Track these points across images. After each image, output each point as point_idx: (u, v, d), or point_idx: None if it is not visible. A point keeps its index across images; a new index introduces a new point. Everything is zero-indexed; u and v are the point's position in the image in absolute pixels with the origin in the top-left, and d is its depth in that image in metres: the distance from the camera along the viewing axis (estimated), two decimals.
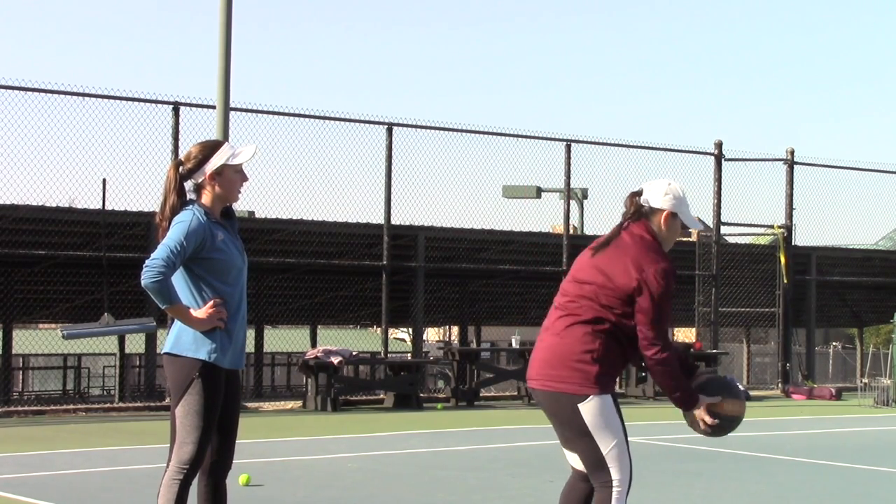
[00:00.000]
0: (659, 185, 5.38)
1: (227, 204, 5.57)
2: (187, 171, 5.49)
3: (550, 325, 5.32)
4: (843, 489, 9.76)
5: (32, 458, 11.18)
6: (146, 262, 5.31)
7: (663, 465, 10.87)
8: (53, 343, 24.78)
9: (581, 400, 5.14)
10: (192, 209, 5.44)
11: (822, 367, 33.94)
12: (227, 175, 5.49)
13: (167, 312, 5.47)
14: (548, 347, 5.28)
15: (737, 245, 24.36)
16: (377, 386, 19.68)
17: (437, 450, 12.31)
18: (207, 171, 5.47)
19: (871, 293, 28.23)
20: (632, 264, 5.18)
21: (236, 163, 5.50)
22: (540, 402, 5.34)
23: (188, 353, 5.39)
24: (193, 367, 5.37)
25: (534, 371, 5.32)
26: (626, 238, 5.30)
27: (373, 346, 32.04)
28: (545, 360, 5.26)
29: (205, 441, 5.38)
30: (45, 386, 30.93)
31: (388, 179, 19.24)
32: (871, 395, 19.91)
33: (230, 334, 5.45)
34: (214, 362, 5.39)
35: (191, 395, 5.36)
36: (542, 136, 20.91)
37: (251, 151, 5.56)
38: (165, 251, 5.31)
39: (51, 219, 17.58)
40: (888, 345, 25.35)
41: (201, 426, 5.36)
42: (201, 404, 5.36)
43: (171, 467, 5.39)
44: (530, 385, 5.36)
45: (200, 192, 5.52)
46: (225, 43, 16.41)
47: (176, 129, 17.22)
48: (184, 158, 5.53)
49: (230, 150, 5.51)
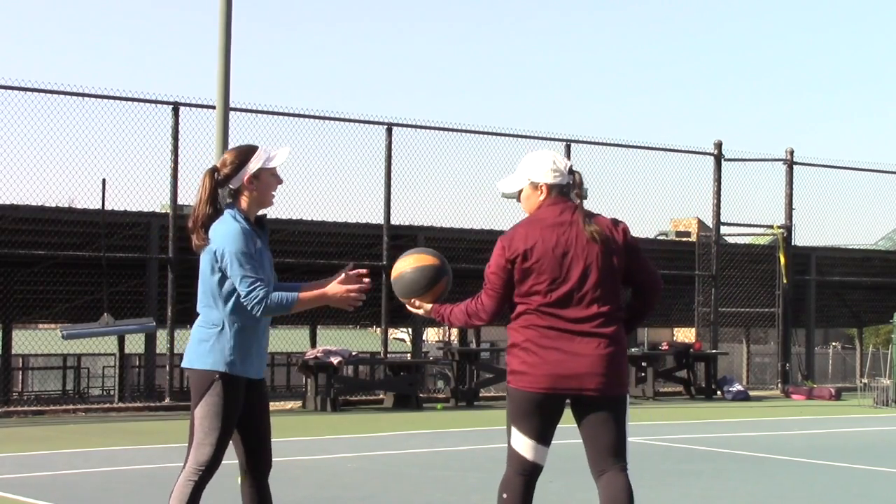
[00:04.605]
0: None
1: (262, 208, 5.57)
2: (224, 178, 5.48)
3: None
4: (842, 489, 9.76)
5: (32, 458, 11.17)
6: (244, 300, 5.32)
7: (663, 465, 10.87)
8: (53, 343, 24.78)
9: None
10: (234, 216, 5.43)
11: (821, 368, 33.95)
12: (263, 179, 5.50)
13: (304, 309, 5.49)
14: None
15: (736, 245, 24.36)
16: (377, 386, 19.69)
17: (437, 450, 12.31)
18: (245, 176, 5.46)
19: (871, 293, 28.22)
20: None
21: (272, 166, 5.51)
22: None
23: (207, 365, 5.41)
24: (213, 373, 5.39)
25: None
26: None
27: (372, 347, 32.07)
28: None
29: (222, 443, 5.39)
30: (45, 386, 30.93)
31: (388, 179, 19.24)
32: (870, 396, 19.91)
33: (252, 344, 5.46)
34: (236, 374, 5.41)
35: (210, 396, 5.38)
36: (542, 137, 20.92)
37: (286, 154, 5.57)
38: (246, 280, 5.31)
39: (50, 219, 17.58)
40: (888, 345, 25.35)
41: (220, 428, 5.37)
42: (220, 406, 5.37)
43: (188, 468, 5.40)
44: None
45: (238, 197, 5.50)
46: (225, 43, 16.41)
47: (176, 130, 17.23)
48: (219, 165, 5.51)
49: (266, 154, 5.51)
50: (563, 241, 5.34)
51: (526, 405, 5.32)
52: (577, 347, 5.27)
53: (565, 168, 5.49)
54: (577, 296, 5.30)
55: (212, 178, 5.46)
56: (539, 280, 5.31)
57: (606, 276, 5.35)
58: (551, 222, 5.38)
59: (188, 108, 17.48)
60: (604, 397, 5.30)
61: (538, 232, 5.36)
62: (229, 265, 5.33)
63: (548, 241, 5.34)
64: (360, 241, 20.40)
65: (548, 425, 5.37)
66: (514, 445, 5.39)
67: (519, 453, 5.37)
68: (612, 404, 5.33)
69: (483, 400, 19.27)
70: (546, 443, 5.39)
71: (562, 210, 5.43)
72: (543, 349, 5.29)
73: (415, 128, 19.74)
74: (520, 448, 5.37)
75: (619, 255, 5.39)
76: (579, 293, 5.31)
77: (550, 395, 5.29)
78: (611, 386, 5.30)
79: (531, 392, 5.30)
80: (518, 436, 5.36)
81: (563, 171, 5.48)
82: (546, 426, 5.37)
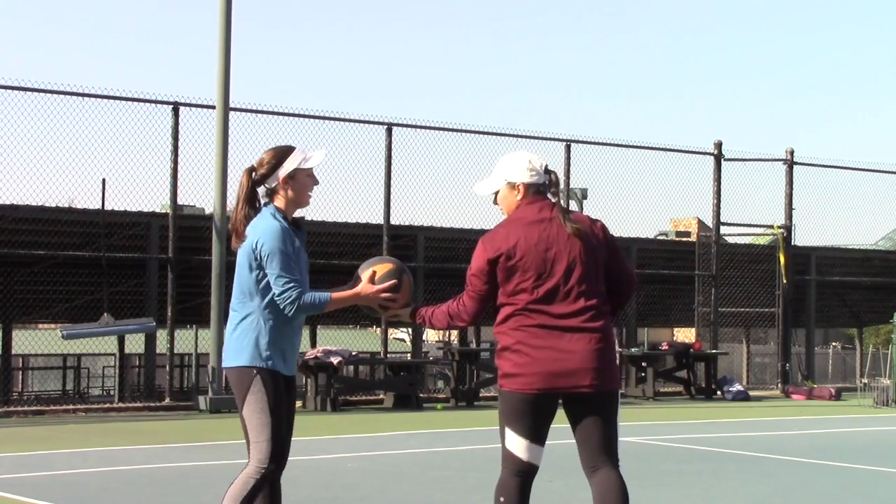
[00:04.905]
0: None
1: (298, 208, 5.65)
2: (260, 177, 5.58)
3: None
4: (842, 489, 9.75)
5: (32, 458, 11.18)
6: (277, 298, 5.41)
7: (663, 465, 10.87)
8: (53, 343, 24.76)
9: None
10: (273, 213, 5.52)
11: (821, 368, 33.94)
12: (299, 179, 5.58)
13: (333, 308, 5.56)
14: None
15: (736, 245, 24.36)
16: (377, 386, 19.69)
17: (437, 450, 12.31)
18: (281, 176, 5.55)
19: (871, 293, 28.21)
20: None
21: (308, 166, 5.60)
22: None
23: (243, 362, 5.48)
24: (250, 370, 5.46)
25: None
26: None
27: (372, 347, 32.03)
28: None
29: (277, 436, 5.47)
30: (45, 386, 30.90)
31: (388, 179, 19.25)
32: (870, 396, 19.91)
33: (286, 341, 5.53)
34: (272, 368, 5.47)
35: (253, 393, 5.46)
36: (541, 136, 20.94)
37: (322, 155, 5.67)
38: (280, 280, 5.41)
39: (50, 219, 17.58)
40: (888, 345, 25.34)
41: (270, 422, 5.45)
42: (265, 401, 5.45)
43: (250, 467, 5.46)
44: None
45: (273, 197, 5.60)
46: (225, 43, 16.42)
47: (176, 130, 17.23)
48: (256, 164, 5.61)
49: (302, 155, 5.60)
50: (544, 237, 5.35)
51: (520, 406, 5.31)
52: (568, 344, 5.27)
53: (541, 167, 5.51)
54: (563, 290, 5.30)
55: (249, 177, 5.58)
56: (525, 277, 5.31)
57: (590, 270, 5.36)
58: (531, 219, 5.40)
59: (188, 108, 17.50)
60: (597, 393, 5.31)
61: (520, 230, 5.37)
62: (267, 262, 5.43)
63: (530, 238, 5.34)
64: (360, 241, 20.39)
65: (542, 424, 5.37)
66: (508, 447, 5.39)
67: (514, 454, 5.37)
68: (605, 400, 5.35)
69: (483, 400, 19.27)
70: (541, 442, 5.39)
71: (540, 208, 5.44)
72: (535, 349, 5.28)
73: (415, 128, 19.75)
74: (515, 449, 5.36)
75: (600, 250, 5.41)
76: (565, 287, 5.30)
77: (545, 394, 5.29)
78: (604, 382, 5.31)
79: (525, 393, 5.29)
80: (513, 437, 5.36)
81: (538, 170, 5.49)
82: (541, 425, 5.36)
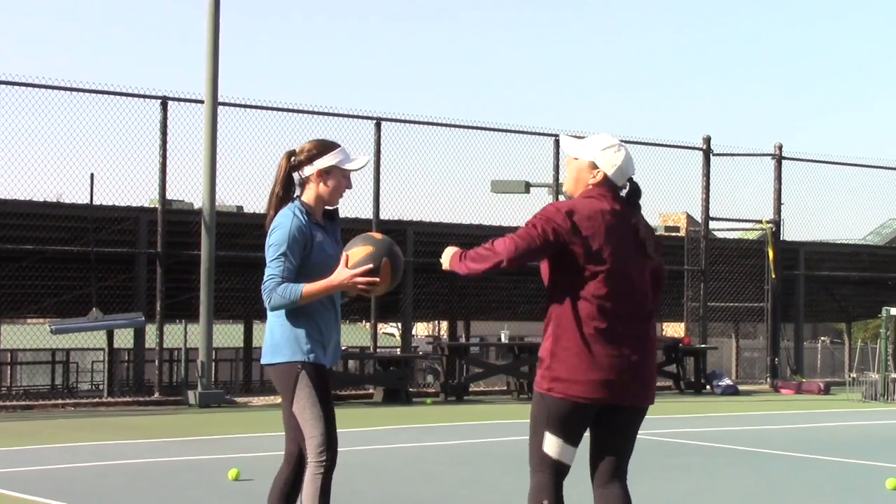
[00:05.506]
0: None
1: (326, 206, 5.60)
2: (298, 163, 5.53)
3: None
4: (831, 483, 9.78)
5: (21, 453, 11.15)
6: (263, 286, 5.38)
7: (651, 459, 10.87)
8: (42, 338, 24.73)
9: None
10: (293, 209, 5.46)
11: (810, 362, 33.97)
12: (335, 176, 5.53)
13: (310, 300, 5.40)
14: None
15: (725, 240, 24.40)
16: (366, 381, 19.66)
17: (426, 444, 12.31)
18: (316, 167, 5.50)
19: (859, 288, 28.27)
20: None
21: (347, 168, 5.54)
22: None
23: (286, 357, 5.44)
24: (294, 365, 5.42)
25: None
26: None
27: (362, 341, 32.01)
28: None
29: (330, 426, 5.45)
30: (34, 381, 30.83)
31: (377, 174, 19.24)
32: (859, 390, 19.95)
33: (325, 332, 5.50)
34: (314, 361, 5.44)
35: (300, 389, 5.43)
36: (530, 131, 20.94)
37: (364, 161, 5.62)
38: (265, 273, 5.38)
39: (38, 213, 17.53)
40: (876, 339, 25.41)
41: (321, 415, 5.43)
42: (313, 395, 5.43)
43: (310, 464, 5.43)
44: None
45: (304, 188, 5.55)
46: (213, 37, 16.39)
47: (164, 124, 17.20)
48: (297, 150, 5.57)
49: (343, 154, 5.55)
50: (622, 233, 5.08)
51: (569, 412, 5.06)
52: (630, 355, 5.05)
53: (627, 174, 5.25)
54: (632, 294, 5.07)
55: (287, 160, 5.55)
56: (603, 273, 5.01)
57: (651, 275, 5.19)
58: (609, 209, 5.10)
59: (176, 102, 17.47)
60: (634, 407, 5.16)
61: (600, 218, 5.05)
62: (266, 253, 5.42)
63: (611, 231, 5.04)
64: (350, 235, 20.34)
65: (584, 428, 5.18)
66: (547, 451, 5.11)
67: (553, 458, 5.11)
68: (638, 414, 5.21)
69: (472, 395, 19.28)
70: (578, 444, 5.20)
71: (614, 201, 5.14)
72: (595, 355, 5.01)
73: (403, 122, 19.74)
74: (555, 453, 5.11)
75: (659, 254, 5.24)
76: (634, 292, 5.08)
77: (596, 402, 5.07)
78: (651, 397, 5.21)
79: (579, 401, 5.04)
80: (554, 441, 5.10)
81: (625, 174, 5.23)
82: (583, 430, 5.18)
